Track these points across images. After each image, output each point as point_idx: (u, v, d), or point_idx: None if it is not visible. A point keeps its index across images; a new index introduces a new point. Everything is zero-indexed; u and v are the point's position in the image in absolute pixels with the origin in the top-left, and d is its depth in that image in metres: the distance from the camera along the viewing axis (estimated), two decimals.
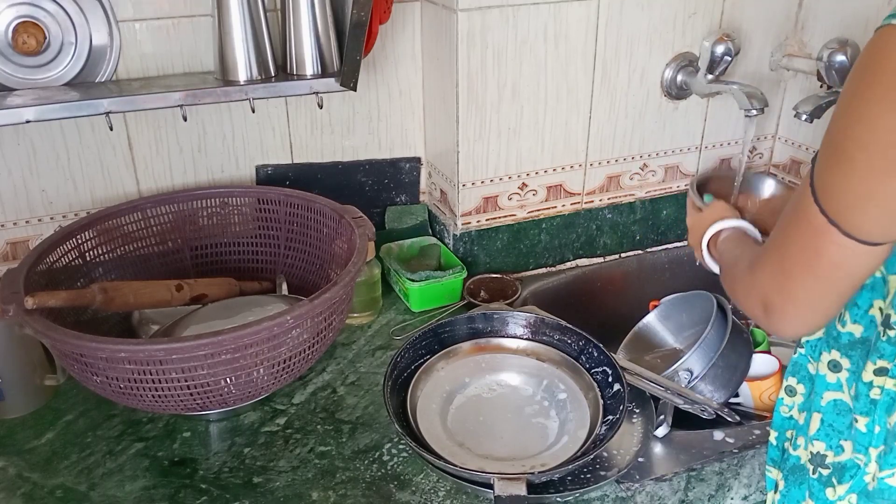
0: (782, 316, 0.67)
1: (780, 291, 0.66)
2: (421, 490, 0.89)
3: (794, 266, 0.64)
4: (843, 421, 0.73)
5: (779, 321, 0.67)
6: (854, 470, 0.71)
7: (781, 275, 0.66)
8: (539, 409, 0.99)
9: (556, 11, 1.19)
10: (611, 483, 0.90)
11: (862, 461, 0.71)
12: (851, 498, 0.71)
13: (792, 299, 0.65)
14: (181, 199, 1.17)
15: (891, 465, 0.68)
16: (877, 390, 0.69)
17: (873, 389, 0.69)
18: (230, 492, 0.89)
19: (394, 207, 1.40)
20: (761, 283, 0.69)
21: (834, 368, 0.74)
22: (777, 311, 0.67)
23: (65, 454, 0.94)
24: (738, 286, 0.75)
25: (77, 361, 0.87)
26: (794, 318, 0.66)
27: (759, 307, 0.69)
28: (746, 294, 0.72)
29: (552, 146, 1.30)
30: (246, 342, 0.86)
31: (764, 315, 0.69)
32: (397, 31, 1.27)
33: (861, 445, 0.71)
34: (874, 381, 0.69)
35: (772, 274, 0.67)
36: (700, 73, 1.29)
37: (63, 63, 1.09)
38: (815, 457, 0.75)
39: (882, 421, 0.69)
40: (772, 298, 0.67)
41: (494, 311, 1.08)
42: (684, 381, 1.07)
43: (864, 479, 0.71)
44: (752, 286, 0.70)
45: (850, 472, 0.72)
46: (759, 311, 0.69)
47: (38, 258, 0.99)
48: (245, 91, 1.12)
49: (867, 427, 0.70)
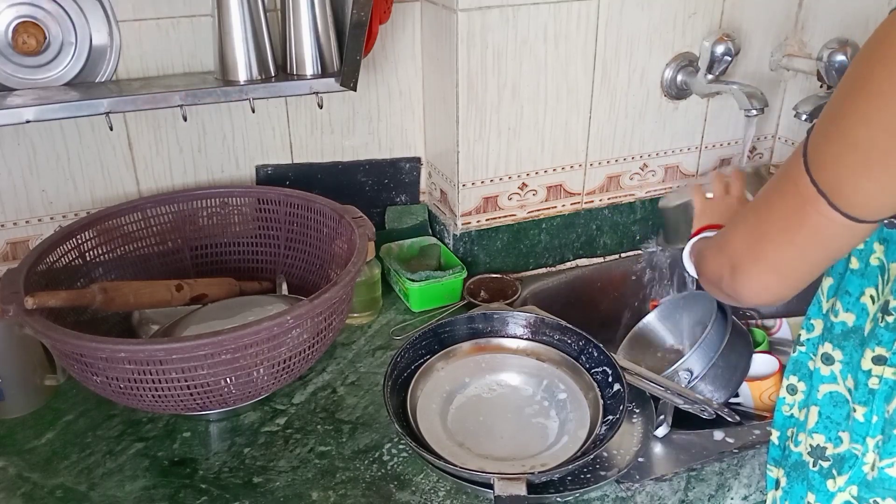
0: (747, 278, 0.68)
1: (751, 253, 0.67)
2: (421, 490, 0.89)
3: (772, 229, 0.64)
4: (840, 412, 0.74)
5: (743, 283, 0.68)
6: (853, 460, 0.71)
7: (755, 236, 0.66)
8: (539, 409, 0.99)
9: (556, 11, 1.19)
10: (611, 483, 0.90)
11: (860, 451, 0.71)
12: (852, 489, 0.71)
13: (761, 261, 0.66)
14: (181, 199, 1.17)
15: (890, 453, 0.68)
16: (875, 380, 0.69)
17: (871, 379, 0.69)
18: (230, 492, 0.89)
19: (394, 207, 1.40)
20: (732, 244, 0.69)
21: (827, 361, 0.75)
22: (743, 272, 0.68)
23: (65, 454, 0.94)
24: (708, 252, 0.75)
25: (77, 361, 0.87)
26: (759, 281, 0.67)
27: (727, 268, 0.69)
28: (714, 256, 0.73)
29: (552, 146, 1.30)
30: (246, 342, 0.86)
31: (730, 277, 0.69)
32: (397, 31, 1.27)
33: (859, 435, 0.71)
34: (872, 370, 0.69)
35: (746, 235, 0.68)
36: (700, 73, 1.29)
37: (63, 63, 1.09)
38: (814, 450, 0.75)
39: (880, 410, 0.69)
40: (741, 259, 0.68)
41: (494, 311, 1.08)
42: (684, 381, 1.07)
43: (862, 469, 0.71)
44: (723, 248, 0.71)
45: (849, 462, 0.72)
46: (726, 273, 0.70)
47: (38, 258, 0.99)
48: (245, 91, 1.12)
49: (865, 417, 0.70)
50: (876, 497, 0.70)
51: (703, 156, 1.44)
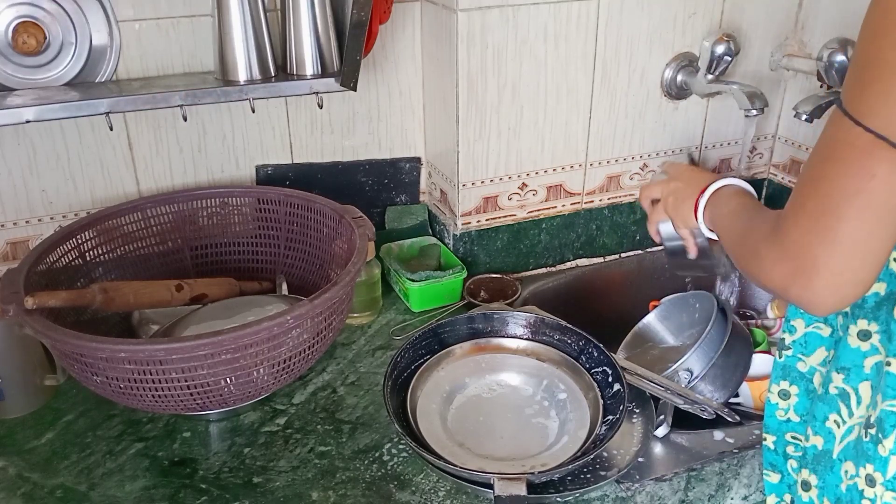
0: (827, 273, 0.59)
1: (824, 241, 0.58)
2: (421, 490, 0.89)
3: (839, 202, 0.57)
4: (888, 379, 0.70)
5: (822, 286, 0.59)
6: (893, 419, 0.68)
7: (821, 219, 0.58)
8: (539, 409, 0.99)
9: (556, 11, 1.19)
10: (611, 483, 0.90)
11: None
12: None
13: (840, 244, 0.58)
14: (181, 199, 1.17)
15: None
16: None
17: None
18: (230, 492, 0.89)
19: (394, 207, 1.40)
20: (796, 240, 0.60)
21: (864, 337, 0.71)
22: (821, 267, 0.59)
23: (65, 454, 0.94)
24: (763, 253, 0.65)
25: (77, 361, 0.87)
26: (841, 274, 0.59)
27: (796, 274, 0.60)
28: (775, 262, 0.63)
29: (552, 146, 1.30)
30: (246, 342, 0.86)
31: (803, 282, 0.60)
32: (397, 31, 1.27)
33: (893, 390, 0.67)
34: None
35: (811, 222, 0.59)
36: (700, 73, 1.29)
37: (63, 63, 1.09)
38: (866, 421, 0.72)
39: None
40: (814, 254, 0.59)
41: (494, 311, 1.08)
42: (684, 381, 1.07)
43: None
44: (784, 249, 0.62)
45: (890, 421, 0.68)
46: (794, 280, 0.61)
47: (38, 258, 0.99)
48: (245, 91, 1.12)
49: None
50: None
51: (703, 156, 1.44)
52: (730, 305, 1.16)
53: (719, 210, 0.88)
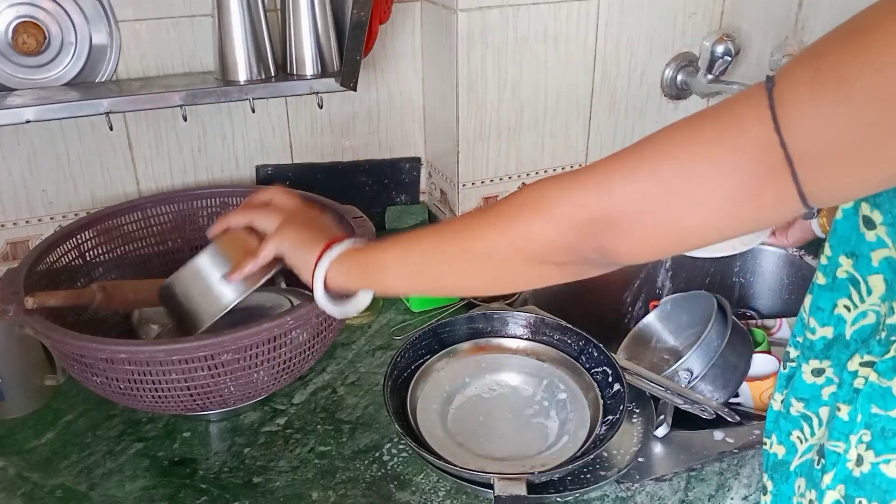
0: (630, 236, 0.53)
1: (650, 209, 0.52)
2: (421, 490, 0.89)
3: (696, 188, 0.50)
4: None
5: (623, 241, 0.53)
6: (834, 457, 0.70)
7: (665, 191, 0.51)
8: (539, 409, 0.99)
9: (556, 11, 1.19)
10: (611, 483, 0.90)
11: (841, 448, 0.69)
12: (840, 488, 0.71)
13: (660, 221, 0.52)
14: (181, 198, 1.17)
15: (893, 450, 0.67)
16: (861, 380, 0.67)
17: (857, 379, 0.68)
18: (230, 492, 0.89)
19: (394, 207, 1.40)
20: (621, 192, 0.53)
21: (817, 374, 0.73)
22: (627, 230, 0.53)
23: (65, 454, 0.94)
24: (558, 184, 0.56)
25: (77, 362, 0.87)
26: (644, 243, 0.53)
27: (601, 219, 0.53)
28: (578, 192, 0.54)
29: (552, 146, 1.30)
30: (247, 343, 0.86)
31: (604, 229, 0.53)
32: (397, 31, 1.27)
33: (841, 433, 0.69)
34: (859, 371, 0.67)
35: (648, 184, 0.52)
36: (700, 73, 1.29)
37: (63, 63, 1.09)
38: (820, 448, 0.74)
39: (865, 409, 0.67)
40: (629, 213, 0.52)
41: (494, 311, 1.08)
42: (684, 381, 1.07)
43: (846, 466, 0.70)
44: (602, 191, 0.53)
45: (831, 459, 0.70)
46: (597, 225, 0.53)
47: (37, 258, 0.99)
48: (245, 91, 1.12)
49: (850, 415, 0.68)
50: (862, 497, 0.69)
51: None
52: (730, 305, 1.16)
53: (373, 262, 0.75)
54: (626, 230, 0.53)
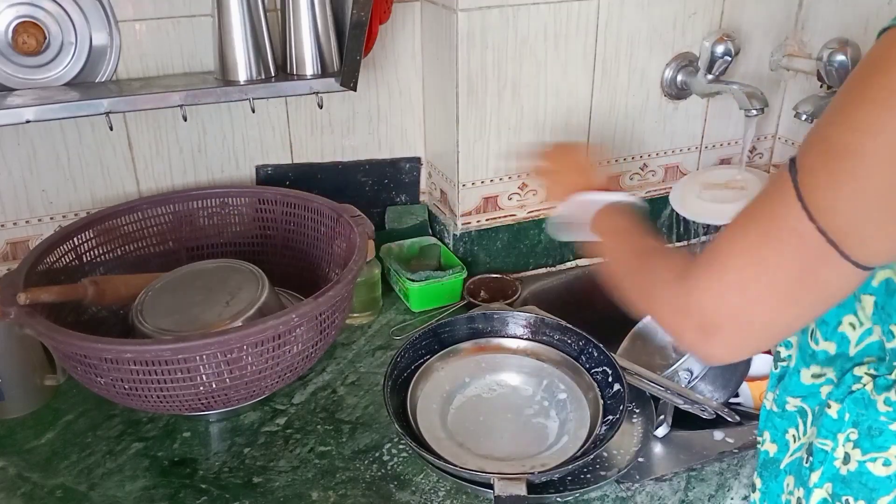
0: (726, 341, 0.58)
1: (736, 317, 0.56)
2: (421, 490, 0.89)
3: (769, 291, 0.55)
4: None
5: (719, 346, 0.58)
6: (822, 455, 0.71)
7: (745, 299, 0.55)
8: (539, 409, 0.99)
9: (556, 11, 1.19)
10: (611, 483, 0.90)
11: (829, 447, 0.70)
12: (827, 486, 0.71)
13: (750, 326, 0.56)
14: (179, 199, 1.17)
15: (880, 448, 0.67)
16: (859, 385, 0.68)
17: (857, 384, 0.69)
18: (230, 492, 0.89)
19: (394, 207, 1.40)
20: (704, 302, 0.57)
21: (816, 377, 0.74)
22: (722, 334, 0.57)
23: (65, 454, 0.94)
24: (662, 298, 0.63)
25: (80, 363, 0.87)
26: (740, 345, 0.58)
27: (695, 329, 0.58)
28: (675, 311, 0.61)
29: None
30: (252, 341, 0.86)
31: (700, 337, 0.58)
32: (397, 31, 1.27)
33: (829, 431, 0.70)
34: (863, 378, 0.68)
35: (725, 296, 0.56)
36: (700, 73, 1.29)
37: (63, 63, 1.09)
38: (809, 446, 0.75)
39: (852, 409, 0.68)
40: (718, 321, 0.57)
41: (494, 311, 1.08)
42: (684, 381, 1.07)
43: (834, 464, 0.70)
44: (688, 304, 0.59)
45: (819, 457, 0.71)
46: (692, 333, 0.59)
47: (37, 259, 0.99)
48: (245, 91, 1.12)
49: (838, 414, 0.70)
50: (849, 496, 0.69)
51: (703, 156, 1.44)
52: None
53: (604, 221, 0.83)
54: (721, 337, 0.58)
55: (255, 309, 0.96)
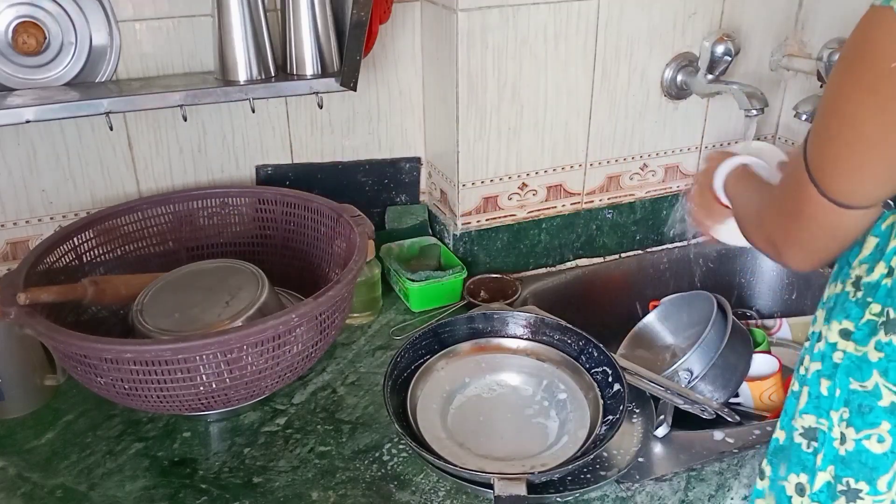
0: (787, 253, 0.73)
1: (782, 232, 0.72)
2: (421, 490, 0.89)
3: (789, 215, 0.70)
4: None
5: (786, 257, 0.73)
6: (822, 436, 0.72)
7: (780, 217, 0.72)
8: (539, 409, 0.99)
9: (556, 11, 1.19)
10: (611, 483, 0.90)
11: (825, 426, 0.72)
12: (830, 469, 0.72)
13: (791, 240, 0.71)
14: (178, 199, 1.17)
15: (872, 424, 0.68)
16: (840, 353, 0.70)
17: (836, 353, 0.70)
18: (230, 492, 0.89)
19: (394, 207, 1.40)
20: (766, 223, 0.75)
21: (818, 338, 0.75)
22: (781, 248, 0.73)
23: (65, 454, 0.94)
24: (750, 226, 0.82)
25: (81, 363, 0.87)
26: (796, 255, 0.72)
27: (769, 245, 0.75)
28: (756, 233, 0.78)
29: (552, 146, 1.30)
30: (252, 341, 0.86)
31: (774, 251, 0.75)
32: (397, 31, 1.27)
33: (823, 410, 0.72)
34: (838, 344, 0.71)
35: (773, 217, 0.74)
36: (700, 73, 1.29)
37: (63, 63, 1.09)
38: (807, 431, 0.75)
39: (843, 384, 0.69)
40: (775, 238, 0.73)
41: (494, 311, 1.08)
42: (684, 381, 1.07)
43: (833, 445, 0.71)
44: (760, 226, 0.77)
45: (819, 439, 0.73)
46: (770, 249, 0.75)
47: (36, 259, 0.99)
48: (245, 91, 1.12)
49: (828, 390, 0.71)
50: (849, 477, 0.70)
51: (703, 156, 1.44)
52: (729, 305, 1.16)
53: (735, 179, 0.98)
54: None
55: (255, 309, 0.96)
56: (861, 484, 0.69)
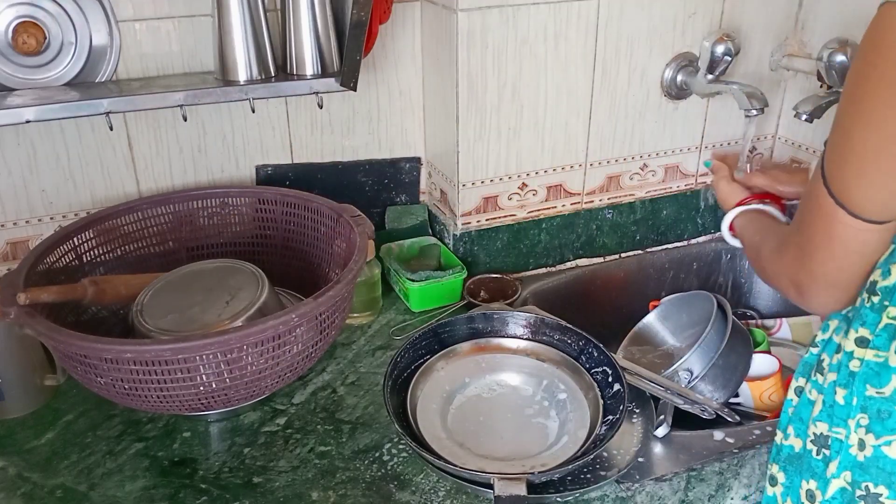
0: (811, 294, 0.72)
1: (805, 272, 0.71)
2: (421, 490, 0.89)
3: (813, 249, 0.69)
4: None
5: (810, 299, 0.73)
6: (837, 445, 0.71)
7: (803, 257, 0.71)
8: (539, 409, 0.99)
9: (556, 11, 1.19)
10: (611, 483, 0.90)
11: (842, 434, 0.71)
12: (846, 475, 0.71)
13: (815, 279, 0.70)
14: (178, 199, 1.17)
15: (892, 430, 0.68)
16: (856, 362, 0.69)
17: (853, 361, 0.70)
18: (230, 492, 0.89)
19: (394, 207, 1.40)
20: (788, 265, 0.74)
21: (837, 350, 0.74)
22: (805, 290, 0.72)
23: (65, 454, 0.94)
24: (769, 268, 0.81)
25: (81, 363, 0.87)
26: (821, 295, 0.71)
27: (792, 287, 0.74)
28: (777, 275, 0.77)
29: (552, 146, 1.30)
30: (252, 341, 0.86)
31: (797, 294, 0.74)
32: (397, 31, 1.27)
33: (839, 419, 0.71)
34: (855, 352, 0.70)
35: (795, 257, 0.72)
36: (700, 73, 1.29)
37: (63, 63, 1.09)
38: (818, 438, 0.74)
39: (860, 392, 0.69)
40: (799, 279, 0.72)
41: (494, 311, 1.08)
42: (684, 381, 1.07)
43: (850, 451, 0.71)
44: (781, 268, 0.75)
45: (835, 447, 0.72)
46: (792, 291, 0.74)
47: (36, 259, 0.99)
48: (245, 91, 1.12)
49: (845, 399, 0.70)
50: (868, 482, 0.69)
51: (702, 156, 1.44)
52: (729, 305, 1.16)
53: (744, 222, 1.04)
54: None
55: (255, 309, 0.96)
56: (880, 488, 0.69)
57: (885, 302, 0.67)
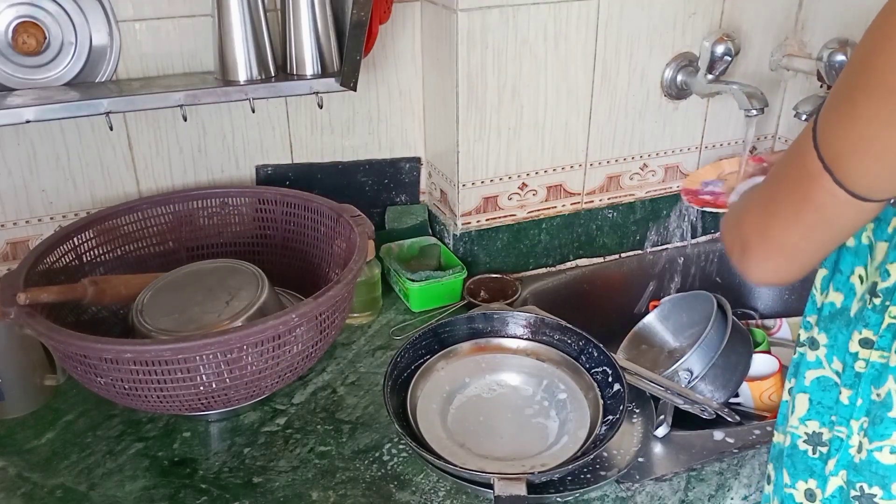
0: (755, 258, 0.67)
1: (760, 233, 0.66)
2: (421, 490, 0.89)
3: (779, 207, 0.64)
4: (830, 396, 0.73)
5: (750, 263, 0.67)
6: (838, 443, 0.71)
7: (764, 215, 0.65)
8: (539, 409, 0.99)
9: (556, 11, 1.19)
10: (611, 483, 0.90)
11: (844, 434, 0.71)
12: (843, 474, 0.71)
13: (769, 241, 0.65)
14: (178, 199, 1.17)
15: (881, 436, 0.68)
16: (861, 363, 0.69)
17: (858, 362, 0.69)
18: (230, 492, 0.89)
19: (394, 207, 1.40)
20: (745, 221, 0.68)
21: (813, 346, 0.74)
22: (752, 250, 0.67)
23: (65, 454, 0.94)
24: (726, 222, 0.73)
25: (80, 363, 0.87)
26: (765, 262, 0.66)
27: (738, 246, 0.68)
28: (729, 230, 0.71)
29: (552, 146, 1.30)
30: (252, 341, 0.86)
31: (741, 253, 0.68)
32: (397, 31, 1.27)
33: (843, 418, 0.71)
34: (859, 353, 0.69)
35: (756, 214, 0.67)
36: (700, 73, 1.29)
37: (63, 63, 1.09)
38: (811, 437, 0.75)
39: (865, 393, 0.68)
40: (750, 238, 0.67)
41: (494, 311, 1.08)
42: (684, 381, 1.07)
43: (849, 451, 0.71)
44: (737, 224, 0.69)
45: (835, 445, 0.72)
46: (737, 249, 0.69)
47: (36, 259, 0.99)
48: (245, 91, 1.12)
49: (850, 399, 0.70)
50: (863, 482, 0.69)
51: (702, 156, 1.44)
52: (729, 305, 1.16)
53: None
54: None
55: (255, 309, 0.96)
56: (875, 489, 0.69)
57: (887, 302, 0.67)
